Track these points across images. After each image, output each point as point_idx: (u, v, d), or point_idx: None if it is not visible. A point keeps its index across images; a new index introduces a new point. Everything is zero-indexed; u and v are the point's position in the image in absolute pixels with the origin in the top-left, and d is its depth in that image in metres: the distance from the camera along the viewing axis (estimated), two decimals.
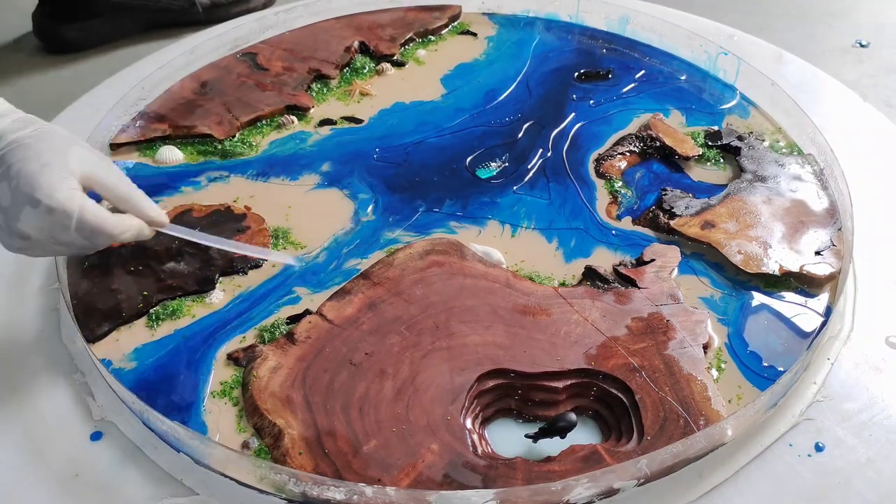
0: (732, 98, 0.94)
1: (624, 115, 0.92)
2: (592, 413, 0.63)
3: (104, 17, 1.25)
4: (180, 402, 0.63)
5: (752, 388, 0.63)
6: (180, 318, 0.69)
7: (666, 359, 0.64)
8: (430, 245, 0.74)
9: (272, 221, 0.78)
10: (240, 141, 0.89)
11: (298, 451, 0.58)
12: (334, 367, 0.64)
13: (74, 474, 0.60)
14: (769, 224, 0.75)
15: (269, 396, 0.62)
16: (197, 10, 1.29)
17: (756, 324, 0.68)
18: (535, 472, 0.57)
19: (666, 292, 0.69)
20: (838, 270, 0.71)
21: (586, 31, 1.06)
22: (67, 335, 0.70)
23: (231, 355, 0.66)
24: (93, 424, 0.63)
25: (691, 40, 0.99)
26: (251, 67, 0.99)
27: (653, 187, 0.82)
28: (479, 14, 1.09)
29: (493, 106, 0.94)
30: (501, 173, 0.85)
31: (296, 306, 0.70)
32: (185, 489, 0.59)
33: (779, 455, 0.60)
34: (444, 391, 0.62)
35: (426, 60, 1.02)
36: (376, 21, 1.07)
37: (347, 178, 0.84)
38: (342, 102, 0.95)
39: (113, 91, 0.95)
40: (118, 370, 0.65)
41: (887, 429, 0.62)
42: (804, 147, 0.86)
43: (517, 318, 0.67)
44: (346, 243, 0.76)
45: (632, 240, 0.76)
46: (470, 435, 0.59)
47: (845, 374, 0.66)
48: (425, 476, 0.56)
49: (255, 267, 0.74)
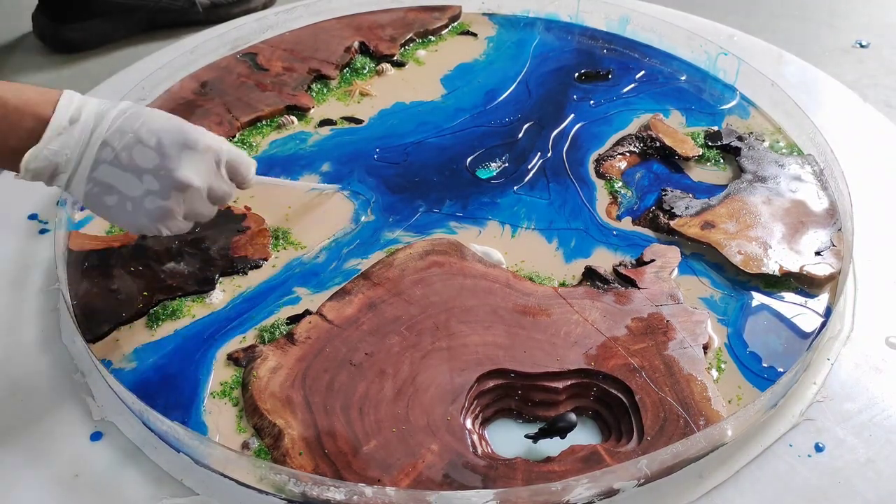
0: (732, 98, 0.94)
1: (624, 115, 0.91)
2: (592, 413, 0.63)
3: (104, 17, 1.25)
4: (180, 402, 0.63)
5: (752, 388, 0.63)
6: (180, 318, 0.69)
7: (666, 359, 0.64)
8: (430, 245, 0.74)
9: (272, 221, 0.78)
10: (240, 141, 0.89)
11: (298, 451, 0.58)
12: (334, 368, 0.64)
13: (74, 474, 0.60)
14: (769, 224, 0.75)
15: (269, 397, 0.62)
16: (197, 10, 1.28)
17: (756, 324, 0.68)
18: (535, 472, 0.57)
19: (666, 292, 0.69)
20: (838, 271, 0.71)
21: (586, 31, 1.06)
22: (67, 335, 0.70)
23: (231, 355, 0.66)
24: (93, 424, 0.63)
25: (691, 40, 0.99)
26: (251, 67, 0.99)
27: (653, 188, 0.82)
28: (479, 14, 1.09)
29: (493, 106, 0.94)
30: (501, 173, 0.85)
31: (296, 306, 0.70)
32: (184, 489, 0.59)
33: (779, 455, 0.60)
34: (444, 391, 0.62)
35: (426, 61, 1.02)
36: (376, 21, 1.07)
37: (347, 178, 0.84)
38: (342, 103, 0.95)
39: (113, 91, 0.95)
40: (118, 370, 0.65)
41: (887, 429, 0.62)
42: (804, 147, 0.86)
43: (517, 318, 0.67)
44: (346, 243, 0.76)
45: (632, 240, 0.76)
46: (470, 435, 0.59)
47: (845, 374, 0.66)
48: (425, 476, 0.56)
49: (255, 267, 0.74)
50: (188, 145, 0.61)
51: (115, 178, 0.60)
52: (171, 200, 0.61)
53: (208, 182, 0.63)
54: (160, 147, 0.60)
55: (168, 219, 0.62)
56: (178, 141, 0.61)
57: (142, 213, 0.61)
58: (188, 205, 0.63)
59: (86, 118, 0.60)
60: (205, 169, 0.62)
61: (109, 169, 0.60)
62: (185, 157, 0.61)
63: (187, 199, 0.62)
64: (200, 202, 0.64)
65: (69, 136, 0.59)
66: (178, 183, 0.61)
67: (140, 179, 0.60)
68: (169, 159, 0.60)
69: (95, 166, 0.60)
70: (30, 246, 0.79)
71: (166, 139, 0.61)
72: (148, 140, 0.60)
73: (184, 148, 0.61)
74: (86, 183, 0.60)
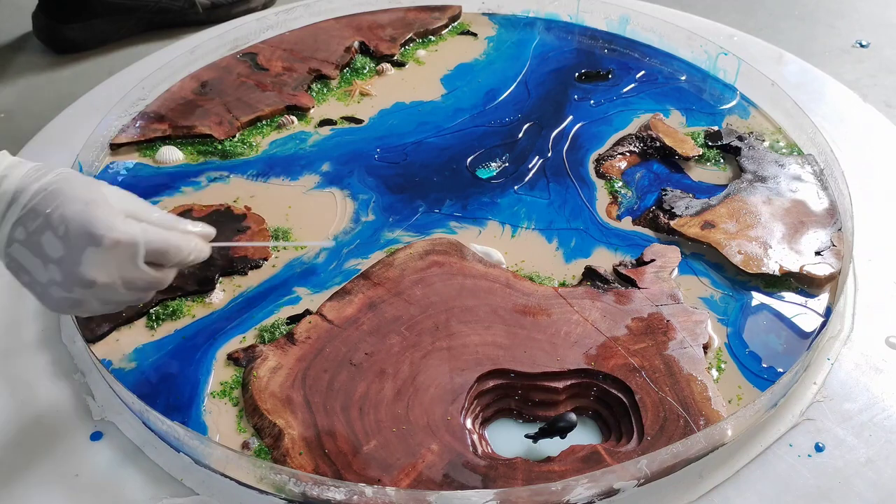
0: (732, 98, 0.94)
1: (624, 115, 0.92)
2: (592, 413, 0.63)
3: (104, 17, 1.25)
4: (180, 402, 0.63)
5: (752, 388, 0.63)
6: (180, 318, 0.69)
7: (666, 359, 0.64)
8: (430, 245, 0.74)
9: (272, 221, 0.78)
10: (240, 141, 0.89)
11: (298, 451, 0.58)
12: (334, 368, 0.64)
13: (74, 474, 0.60)
14: (769, 224, 0.75)
15: (269, 396, 0.62)
16: (197, 10, 1.28)
17: (756, 324, 0.68)
18: (535, 472, 0.57)
19: (666, 292, 0.69)
20: (838, 271, 0.71)
21: (586, 31, 1.06)
22: (67, 335, 0.70)
23: (231, 355, 0.66)
24: (93, 424, 0.63)
25: (691, 40, 0.99)
26: (251, 67, 0.99)
27: (653, 187, 0.82)
28: (479, 14, 1.09)
29: (492, 106, 0.94)
30: (501, 173, 0.85)
31: (296, 306, 0.70)
32: (185, 489, 0.59)
33: (779, 455, 0.60)
34: (444, 391, 0.62)
35: (426, 60, 1.02)
36: (376, 21, 1.07)
37: (347, 178, 0.84)
38: (342, 102, 0.95)
39: (113, 91, 0.95)
40: (118, 370, 0.65)
41: (887, 429, 0.62)
42: (804, 147, 0.86)
43: (517, 318, 0.67)
44: (346, 243, 0.76)
45: (632, 240, 0.76)
46: (470, 435, 0.59)
47: (845, 374, 0.66)
48: (425, 476, 0.56)
49: (255, 267, 0.74)
50: (93, 241, 0.54)
51: (26, 260, 0.56)
52: (75, 293, 0.56)
53: (119, 276, 0.56)
54: (66, 238, 0.54)
55: (78, 308, 0.57)
56: (83, 234, 0.54)
57: (49, 299, 0.57)
58: (102, 296, 0.57)
59: (6, 189, 0.55)
60: (115, 265, 0.55)
61: (21, 250, 0.55)
62: (88, 254, 0.54)
63: (98, 293, 0.56)
64: (117, 294, 0.57)
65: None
66: (80, 279, 0.55)
67: (45, 267, 0.55)
68: (73, 252, 0.55)
69: (10, 243, 0.56)
70: None
71: (73, 230, 0.54)
72: (57, 228, 0.55)
73: (89, 243, 0.54)
74: (3, 256, 0.57)
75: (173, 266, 0.59)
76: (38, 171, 0.57)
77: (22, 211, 0.55)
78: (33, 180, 0.56)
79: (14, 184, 0.56)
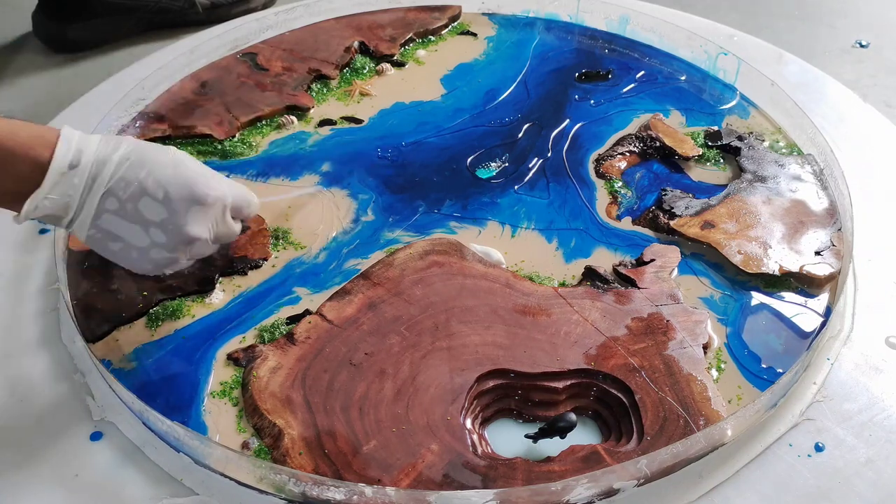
0: (732, 98, 0.94)
1: (624, 115, 0.91)
2: (592, 413, 0.63)
3: (104, 17, 1.25)
4: (180, 402, 0.63)
5: (752, 388, 0.63)
6: (180, 318, 0.69)
7: (666, 359, 0.64)
8: (430, 245, 0.74)
9: (272, 221, 0.78)
10: (240, 141, 0.89)
11: (298, 451, 0.58)
12: (334, 368, 0.64)
13: (74, 474, 0.60)
14: (769, 224, 0.75)
15: (269, 396, 0.62)
16: (197, 10, 1.28)
17: (756, 324, 0.68)
18: (535, 472, 0.57)
19: (666, 292, 0.69)
20: (838, 270, 0.71)
21: (586, 31, 1.06)
22: (67, 335, 0.70)
23: (231, 355, 0.66)
24: (93, 424, 0.63)
25: (691, 40, 0.99)
26: (251, 67, 0.99)
27: (653, 187, 0.82)
28: (479, 14, 1.09)
29: (492, 106, 0.94)
30: (501, 173, 0.85)
31: (296, 306, 0.70)
32: (184, 489, 0.59)
33: (779, 455, 0.60)
34: (444, 391, 0.62)
35: (426, 60, 1.02)
36: (376, 21, 1.07)
37: (347, 178, 0.84)
38: (342, 102, 0.95)
39: (113, 91, 0.95)
40: (118, 370, 0.65)
41: (887, 429, 0.62)
42: (804, 147, 0.86)
43: (517, 318, 0.67)
44: (346, 243, 0.76)
45: (632, 240, 0.76)
46: (470, 435, 0.59)
47: (845, 374, 0.66)
48: (425, 476, 0.56)
49: (255, 267, 0.74)
50: (197, 200, 0.60)
51: (120, 229, 0.59)
52: (177, 252, 0.61)
53: (215, 231, 0.63)
54: (168, 201, 0.59)
55: (173, 265, 0.63)
56: (186, 196, 0.59)
57: (146, 261, 0.61)
58: (194, 251, 0.63)
59: (86, 164, 0.57)
60: (212, 221, 0.62)
61: (114, 219, 0.58)
62: (193, 213, 0.60)
63: (194, 248, 0.62)
64: (206, 248, 0.64)
65: (69, 185, 0.57)
66: (187, 238, 0.60)
67: (146, 232, 0.59)
68: (177, 215, 0.59)
69: (99, 215, 0.58)
70: (30, 246, 0.79)
71: (174, 193, 0.59)
72: (155, 193, 0.58)
73: (192, 203, 0.60)
74: (89, 228, 0.59)
75: (244, 217, 0.66)
76: (109, 142, 0.59)
77: (110, 182, 0.57)
78: (111, 150, 0.58)
79: (93, 156, 0.58)
